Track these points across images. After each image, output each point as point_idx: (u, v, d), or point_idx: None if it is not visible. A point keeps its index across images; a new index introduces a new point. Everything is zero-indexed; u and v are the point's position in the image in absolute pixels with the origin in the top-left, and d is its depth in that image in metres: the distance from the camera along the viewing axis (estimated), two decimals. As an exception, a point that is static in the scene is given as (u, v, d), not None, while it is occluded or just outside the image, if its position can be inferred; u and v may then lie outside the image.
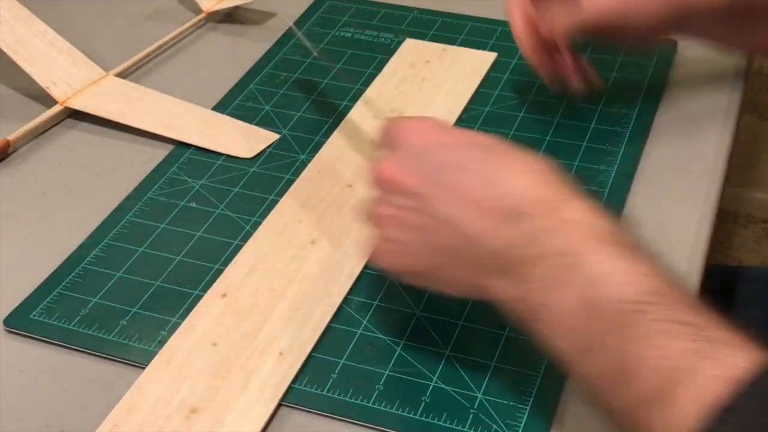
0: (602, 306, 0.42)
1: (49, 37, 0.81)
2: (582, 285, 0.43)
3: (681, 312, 0.41)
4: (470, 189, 0.48)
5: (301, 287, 0.59)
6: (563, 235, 0.45)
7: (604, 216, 0.45)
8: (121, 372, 0.55)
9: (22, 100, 0.79)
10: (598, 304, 0.42)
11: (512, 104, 0.76)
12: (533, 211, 0.46)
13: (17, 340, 0.58)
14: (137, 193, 0.68)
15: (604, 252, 0.43)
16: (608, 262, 0.43)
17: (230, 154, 0.72)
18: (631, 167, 0.69)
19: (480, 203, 0.47)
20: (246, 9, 0.90)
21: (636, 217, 0.65)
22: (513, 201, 0.46)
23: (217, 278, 0.61)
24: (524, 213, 0.46)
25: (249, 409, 0.52)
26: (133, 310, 0.59)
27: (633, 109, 0.74)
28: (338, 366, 0.55)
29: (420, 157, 0.51)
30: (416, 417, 0.52)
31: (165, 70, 0.83)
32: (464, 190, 0.48)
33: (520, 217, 0.46)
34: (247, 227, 0.65)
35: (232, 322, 0.57)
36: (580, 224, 0.45)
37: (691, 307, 0.42)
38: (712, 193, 0.67)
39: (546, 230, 0.45)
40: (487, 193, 0.47)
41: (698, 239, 0.63)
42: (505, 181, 0.47)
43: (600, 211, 0.46)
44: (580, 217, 0.45)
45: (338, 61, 0.82)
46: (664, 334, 0.41)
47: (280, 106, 0.77)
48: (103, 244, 0.64)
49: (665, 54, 0.80)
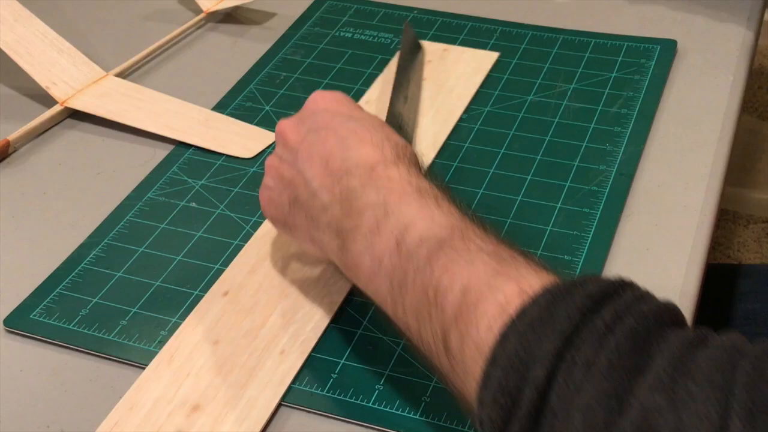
0: (410, 246, 0.47)
1: (49, 37, 0.81)
2: (392, 230, 0.48)
3: (479, 242, 0.46)
4: (328, 149, 0.53)
5: (302, 286, 0.59)
6: (376, 191, 0.50)
7: (417, 175, 0.51)
8: (121, 372, 0.55)
9: (22, 100, 0.79)
10: (406, 244, 0.47)
11: (512, 104, 0.76)
12: (357, 172, 0.51)
13: (17, 340, 0.58)
14: (137, 193, 0.68)
15: (412, 203, 0.49)
16: (415, 210, 0.48)
17: (230, 154, 0.72)
18: (631, 167, 0.69)
19: (329, 162, 0.52)
20: (246, 9, 0.90)
21: (636, 217, 0.65)
22: (349, 164, 0.52)
23: (217, 278, 0.61)
24: (350, 173, 0.51)
25: (251, 407, 0.52)
26: (133, 310, 0.59)
27: (633, 109, 0.74)
28: (338, 366, 0.55)
29: (307, 118, 0.57)
30: (416, 417, 0.52)
31: (165, 70, 0.83)
32: (324, 149, 0.53)
33: (347, 175, 0.51)
34: (247, 227, 0.65)
35: (233, 321, 0.57)
36: (392, 181, 0.50)
37: (488, 238, 0.47)
38: (712, 193, 0.67)
39: (362, 186, 0.51)
40: (337, 155, 0.53)
41: (698, 239, 0.63)
42: (354, 146, 0.53)
43: (416, 172, 0.52)
44: (395, 176, 0.51)
45: (338, 62, 0.82)
46: (463, 261, 0.45)
47: (280, 106, 0.77)
48: (103, 244, 0.64)
49: (665, 54, 0.80)
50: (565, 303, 0.40)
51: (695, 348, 0.38)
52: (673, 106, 0.75)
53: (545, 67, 0.80)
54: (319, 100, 0.59)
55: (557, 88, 0.77)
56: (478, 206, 0.66)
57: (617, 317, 0.39)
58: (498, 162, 0.70)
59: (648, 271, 0.61)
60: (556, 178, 0.68)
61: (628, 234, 0.63)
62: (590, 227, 0.63)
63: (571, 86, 0.77)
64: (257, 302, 0.59)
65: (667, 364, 0.38)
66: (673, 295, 0.59)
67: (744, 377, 0.36)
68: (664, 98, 0.76)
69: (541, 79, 0.78)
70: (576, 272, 0.60)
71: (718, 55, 0.80)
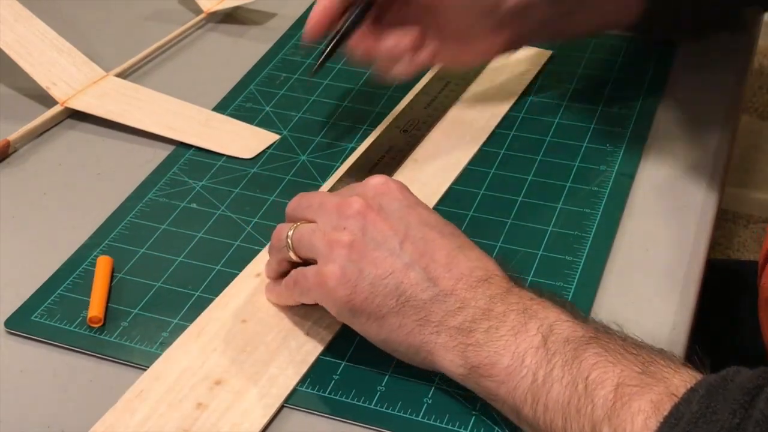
0: (557, 343, 0.48)
1: (49, 37, 0.81)
2: (539, 329, 0.49)
3: (621, 342, 0.48)
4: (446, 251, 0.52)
5: None
6: (518, 297, 0.51)
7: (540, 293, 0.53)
8: (122, 373, 0.55)
9: (22, 100, 0.79)
10: (552, 341, 0.48)
11: (512, 105, 0.76)
12: (494, 281, 0.52)
13: (18, 341, 0.58)
14: (138, 193, 0.68)
15: (551, 308, 0.50)
16: (555, 313, 0.50)
17: (231, 154, 0.72)
18: (631, 167, 0.69)
19: (452, 267, 0.52)
20: (246, 9, 0.90)
21: (636, 218, 0.65)
22: (479, 273, 0.52)
23: (217, 278, 0.61)
24: (489, 280, 0.51)
25: (271, 384, 0.54)
26: (134, 312, 0.59)
27: (633, 109, 0.74)
28: (340, 367, 0.55)
29: (385, 207, 0.54)
30: (418, 419, 0.52)
31: (165, 70, 0.83)
32: (440, 250, 0.52)
33: (485, 282, 0.51)
34: (248, 228, 0.65)
35: (262, 301, 0.59)
36: (524, 290, 0.52)
37: (626, 341, 0.48)
38: (712, 193, 0.67)
39: (505, 293, 0.51)
40: (462, 261, 0.52)
41: (698, 239, 0.63)
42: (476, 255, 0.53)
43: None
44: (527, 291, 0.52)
45: (338, 62, 0.82)
46: (611, 358, 0.47)
47: (281, 106, 0.77)
48: (104, 245, 0.64)
49: (665, 54, 0.80)
50: (724, 398, 0.42)
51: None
52: (673, 107, 0.75)
53: (545, 68, 0.80)
54: (381, 185, 0.55)
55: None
56: (478, 207, 0.66)
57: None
58: (498, 162, 0.70)
59: (648, 272, 0.61)
60: (556, 178, 0.68)
61: (629, 234, 0.63)
62: (591, 228, 0.63)
63: (572, 87, 0.77)
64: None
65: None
66: (674, 296, 0.59)
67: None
68: (664, 99, 0.76)
69: (541, 80, 0.78)
70: (576, 273, 0.60)
71: (718, 55, 0.80)
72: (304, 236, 0.54)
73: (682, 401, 0.43)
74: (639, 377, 0.45)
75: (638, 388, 0.45)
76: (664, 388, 0.44)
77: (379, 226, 0.52)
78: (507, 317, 0.50)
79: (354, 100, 0.77)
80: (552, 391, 0.47)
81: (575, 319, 0.50)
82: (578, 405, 0.46)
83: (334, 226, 0.53)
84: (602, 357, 0.47)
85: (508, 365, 0.48)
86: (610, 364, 0.46)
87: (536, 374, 0.48)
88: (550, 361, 0.47)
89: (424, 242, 0.52)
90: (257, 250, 0.63)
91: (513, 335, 0.49)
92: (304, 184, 0.69)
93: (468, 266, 0.52)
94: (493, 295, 0.51)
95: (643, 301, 0.59)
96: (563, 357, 0.47)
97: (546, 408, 0.47)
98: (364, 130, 0.74)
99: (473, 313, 0.50)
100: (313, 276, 0.53)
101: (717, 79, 0.78)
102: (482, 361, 0.49)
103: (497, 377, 0.49)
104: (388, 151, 0.70)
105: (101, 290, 0.59)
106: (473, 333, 0.50)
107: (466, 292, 0.51)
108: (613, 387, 0.45)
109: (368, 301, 0.51)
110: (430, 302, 0.51)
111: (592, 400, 0.45)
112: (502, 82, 0.78)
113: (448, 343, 0.50)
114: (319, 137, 0.73)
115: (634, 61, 0.80)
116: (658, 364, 0.46)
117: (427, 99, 0.75)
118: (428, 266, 0.51)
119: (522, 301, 0.51)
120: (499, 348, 0.49)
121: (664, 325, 0.57)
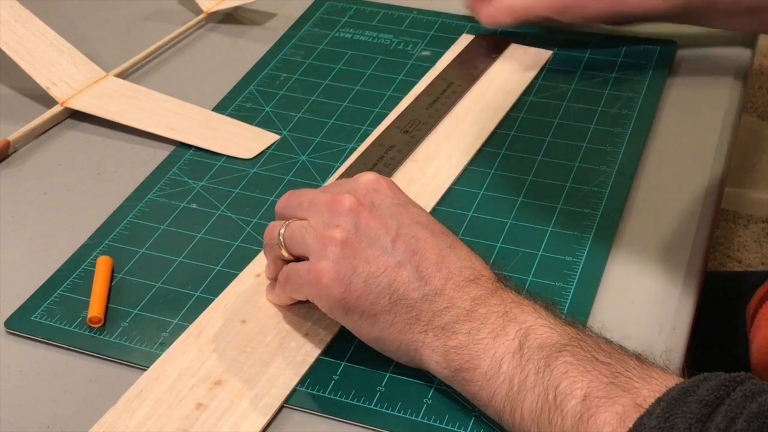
0: (532, 349, 0.48)
1: (49, 37, 0.81)
2: (516, 334, 0.49)
3: (594, 351, 0.47)
4: (436, 251, 0.52)
5: None
6: (500, 299, 0.51)
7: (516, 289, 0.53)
8: (122, 373, 0.55)
9: (22, 100, 0.79)
10: (527, 347, 0.48)
11: (512, 105, 0.76)
12: (480, 282, 0.52)
13: (18, 341, 0.58)
14: (138, 194, 0.68)
15: (531, 312, 0.50)
16: (532, 317, 0.50)
17: (231, 155, 0.72)
18: (631, 168, 0.69)
19: (442, 266, 0.52)
20: (246, 9, 0.90)
21: (636, 217, 0.65)
22: (468, 273, 0.52)
23: (217, 278, 0.61)
24: (476, 281, 0.52)
25: (270, 384, 0.54)
26: (134, 312, 0.59)
27: (633, 109, 0.74)
28: (340, 367, 0.55)
29: (377, 204, 0.54)
30: (418, 419, 0.52)
31: (165, 70, 0.83)
32: (431, 249, 0.52)
33: (472, 283, 0.51)
34: (248, 228, 0.65)
35: (262, 302, 0.59)
36: (507, 292, 0.52)
37: (601, 348, 0.48)
38: (712, 193, 0.67)
39: (489, 294, 0.51)
40: (453, 261, 0.52)
41: (698, 239, 0.63)
42: (464, 254, 0.53)
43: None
44: (511, 293, 0.52)
45: (338, 62, 0.82)
46: (581, 367, 0.46)
47: (281, 107, 0.77)
48: (104, 246, 0.64)
49: (665, 54, 0.80)
50: (682, 413, 0.42)
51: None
52: (673, 107, 0.75)
53: (545, 68, 0.80)
54: (373, 182, 0.55)
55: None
56: (478, 207, 0.66)
57: (731, 421, 0.41)
58: (498, 163, 0.70)
59: (648, 272, 0.61)
60: (556, 178, 0.68)
61: (629, 234, 0.63)
62: (591, 228, 0.63)
63: (572, 87, 0.77)
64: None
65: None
66: (674, 296, 0.59)
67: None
68: (664, 99, 0.76)
69: (541, 80, 0.78)
70: (576, 273, 0.60)
71: (718, 55, 0.80)
72: (296, 234, 0.54)
73: (646, 414, 0.43)
74: (606, 388, 0.45)
75: (605, 399, 0.45)
76: (630, 400, 0.44)
77: (372, 224, 0.52)
78: (488, 319, 0.50)
79: (354, 100, 0.77)
80: (526, 399, 0.47)
81: (552, 323, 0.49)
82: (550, 416, 0.46)
83: (327, 224, 0.53)
84: (572, 366, 0.47)
85: (487, 371, 0.49)
86: (579, 374, 0.46)
87: (512, 381, 0.48)
88: (524, 369, 0.48)
89: (415, 240, 0.52)
90: (257, 251, 0.63)
91: (492, 339, 0.49)
92: (304, 184, 0.69)
93: (457, 266, 0.52)
94: (477, 296, 0.51)
95: (642, 301, 0.59)
96: (536, 364, 0.47)
97: (522, 417, 0.47)
98: (364, 130, 0.74)
99: (458, 313, 0.50)
100: (306, 272, 0.53)
101: (717, 79, 0.78)
102: (463, 364, 0.49)
103: (478, 382, 0.49)
104: (388, 151, 0.70)
105: (101, 290, 0.59)
106: (456, 334, 0.50)
107: (454, 291, 0.51)
108: (581, 398, 0.45)
109: (362, 298, 0.51)
110: (420, 301, 0.51)
111: (562, 412, 0.45)
112: (502, 82, 0.78)
113: (434, 343, 0.51)
114: (319, 137, 0.73)
115: (634, 61, 0.80)
116: (630, 373, 0.46)
117: (429, 100, 0.75)
118: (420, 265, 0.51)
119: (504, 303, 0.51)
120: (479, 351, 0.49)
121: (664, 325, 0.57)
